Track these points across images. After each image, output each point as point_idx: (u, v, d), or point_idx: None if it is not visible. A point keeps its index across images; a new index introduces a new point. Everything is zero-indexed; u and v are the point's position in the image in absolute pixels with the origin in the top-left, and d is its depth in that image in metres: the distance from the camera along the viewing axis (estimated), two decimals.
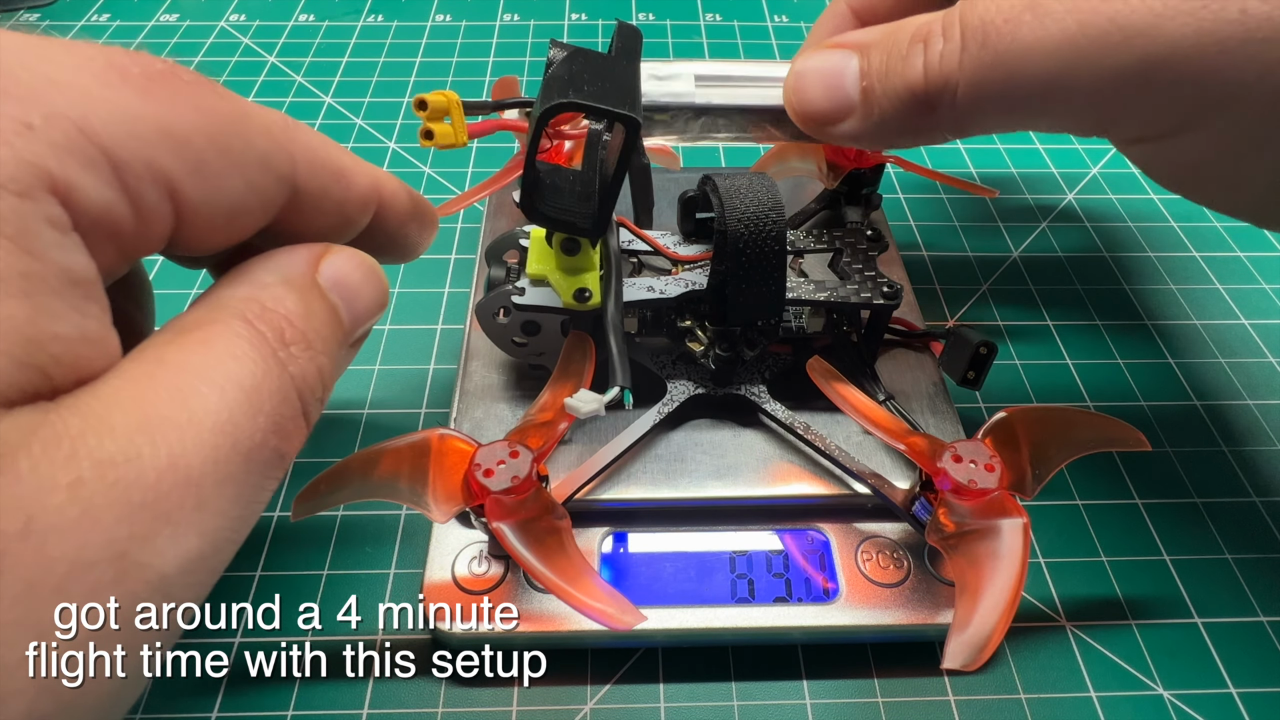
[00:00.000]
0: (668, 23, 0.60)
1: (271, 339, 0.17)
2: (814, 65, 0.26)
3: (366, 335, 0.21)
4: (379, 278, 0.21)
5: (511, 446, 0.25)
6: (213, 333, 0.17)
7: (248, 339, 0.17)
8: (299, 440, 0.18)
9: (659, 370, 0.31)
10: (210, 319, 0.17)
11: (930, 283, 0.41)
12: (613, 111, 0.23)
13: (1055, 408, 0.28)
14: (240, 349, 0.17)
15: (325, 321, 0.19)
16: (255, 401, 0.16)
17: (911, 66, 0.24)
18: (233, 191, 0.18)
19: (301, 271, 0.19)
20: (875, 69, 0.25)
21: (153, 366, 0.16)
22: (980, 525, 0.25)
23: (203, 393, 0.16)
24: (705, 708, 0.27)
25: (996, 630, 0.23)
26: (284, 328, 0.18)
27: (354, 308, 0.20)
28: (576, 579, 0.24)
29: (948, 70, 0.23)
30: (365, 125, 0.49)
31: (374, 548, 0.30)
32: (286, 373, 0.17)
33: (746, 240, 0.27)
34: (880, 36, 0.25)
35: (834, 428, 0.30)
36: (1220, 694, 0.28)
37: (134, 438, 0.14)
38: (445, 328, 0.38)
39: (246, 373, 0.16)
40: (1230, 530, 0.32)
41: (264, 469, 0.17)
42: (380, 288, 0.21)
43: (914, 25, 0.24)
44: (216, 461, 0.15)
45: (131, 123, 0.16)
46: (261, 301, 0.18)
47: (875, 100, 0.25)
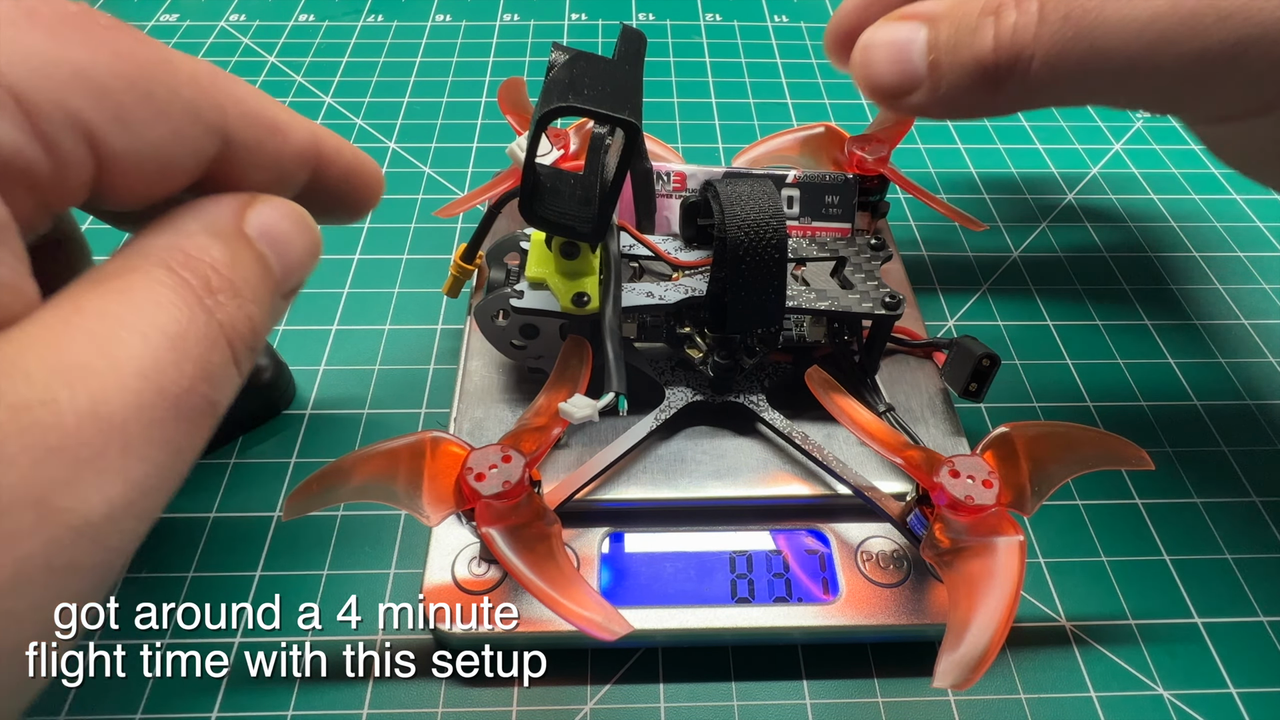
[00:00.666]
0: (668, 23, 0.60)
1: (197, 286, 0.17)
2: (882, 37, 0.26)
3: (300, 287, 0.21)
4: (309, 228, 0.20)
5: (504, 451, 0.25)
6: (134, 280, 0.16)
7: (171, 286, 0.16)
8: (231, 389, 0.17)
9: (657, 376, 0.31)
10: (131, 266, 0.17)
11: (930, 283, 0.41)
12: (612, 116, 0.23)
13: (1057, 425, 0.27)
14: (164, 295, 0.16)
15: (254, 271, 0.18)
16: (181, 348, 0.16)
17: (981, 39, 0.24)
18: (158, 141, 0.17)
19: (227, 220, 0.19)
20: (944, 41, 0.25)
21: (69, 313, 0.15)
22: (975, 542, 0.25)
23: (124, 339, 0.15)
24: (705, 708, 0.27)
25: (989, 650, 0.22)
26: (209, 275, 0.17)
27: (285, 258, 0.19)
28: (565, 586, 0.24)
29: (1021, 43, 0.23)
30: (365, 125, 0.49)
31: (374, 548, 0.30)
32: (214, 320, 0.17)
33: (746, 247, 0.27)
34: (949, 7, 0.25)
35: (833, 437, 0.30)
36: (1220, 694, 0.28)
37: (49, 383, 0.14)
38: (445, 328, 0.38)
39: (171, 319, 0.16)
40: (1230, 530, 0.32)
41: (194, 416, 0.16)
42: (311, 238, 0.20)
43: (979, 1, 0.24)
44: (141, 408, 0.15)
45: (42, 64, 0.15)
46: (185, 249, 0.17)
47: (943, 73, 0.25)
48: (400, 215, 0.44)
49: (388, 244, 0.42)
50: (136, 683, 0.27)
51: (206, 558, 0.30)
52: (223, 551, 0.30)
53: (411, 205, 0.44)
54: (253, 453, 0.33)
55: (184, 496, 0.31)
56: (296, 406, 0.35)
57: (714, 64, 0.56)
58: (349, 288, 0.40)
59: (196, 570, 0.30)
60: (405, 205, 0.44)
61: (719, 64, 0.56)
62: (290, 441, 0.34)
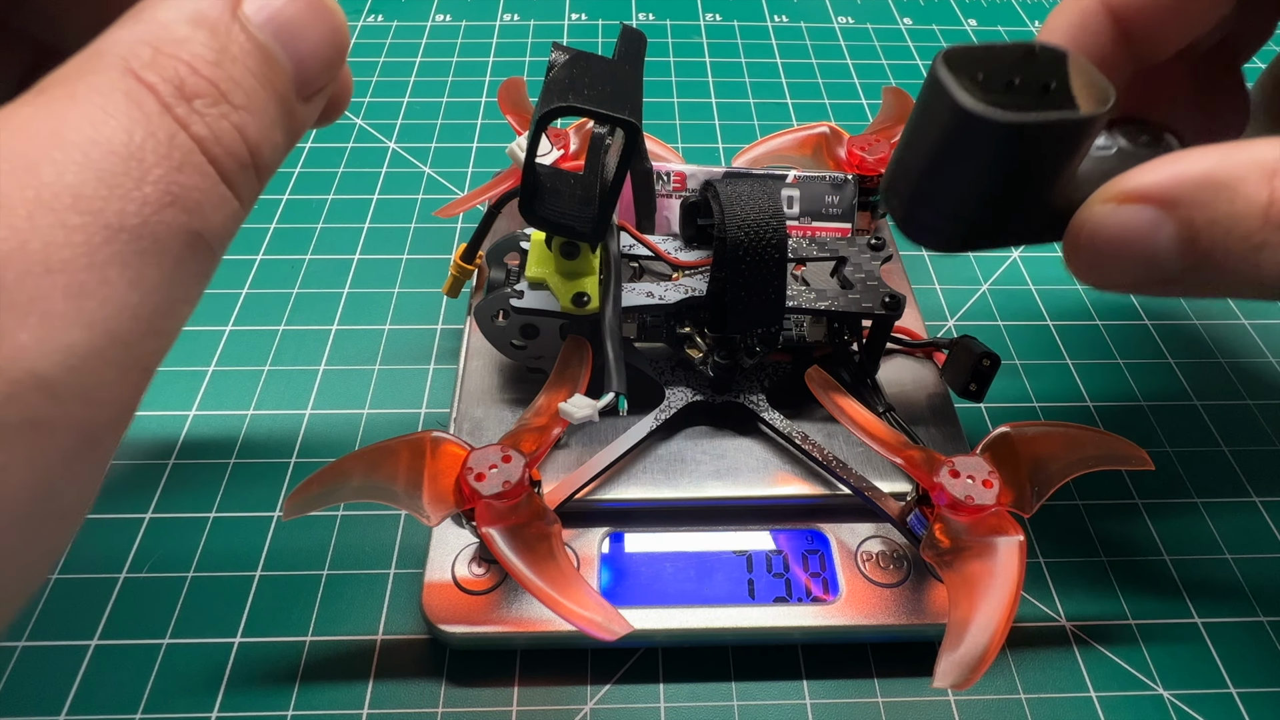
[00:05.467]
0: (668, 23, 0.60)
1: (164, 91, 0.14)
2: (1108, 232, 0.20)
3: (323, 88, 0.17)
4: (328, 7, 0.17)
5: (504, 451, 0.25)
6: (79, 87, 0.14)
7: (125, 92, 0.14)
8: (221, 215, 0.15)
9: (657, 376, 0.31)
10: (81, 70, 0.14)
11: (930, 283, 0.41)
12: (612, 116, 0.23)
13: (1057, 425, 0.27)
14: (115, 105, 0.13)
15: (250, 69, 0.15)
16: (135, 170, 0.13)
17: (1268, 262, 0.18)
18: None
19: (215, 4, 0.15)
20: (1208, 248, 0.19)
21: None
22: (975, 543, 0.25)
23: (56, 161, 0.13)
24: (705, 708, 0.27)
25: (989, 650, 0.22)
26: (184, 76, 0.14)
27: (296, 50, 0.16)
28: (564, 587, 0.24)
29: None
30: (365, 125, 0.49)
31: (374, 548, 0.30)
32: (185, 133, 0.14)
33: (746, 247, 0.27)
34: (1199, 194, 0.19)
35: (833, 437, 0.30)
36: (1220, 694, 0.28)
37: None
38: (445, 328, 0.38)
39: (120, 135, 0.13)
40: (1230, 530, 0.32)
41: (168, 248, 0.14)
42: (329, 22, 0.17)
43: (1259, 190, 0.18)
44: (88, 245, 0.13)
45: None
46: (154, 45, 0.14)
47: (1215, 285, 0.20)
48: (400, 215, 0.44)
49: (388, 244, 0.42)
50: (137, 683, 0.27)
51: (206, 558, 0.30)
52: (223, 551, 0.30)
53: (411, 205, 0.44)
54: (253, 453, 0.33)
55: (184, 496, 0.32)
56: (296, 406, 0.35)
57: (714, 64, 0.56)
58: (349, 288, 0.40)
59: (196, 570, 0.30)
60: (405, 205, 0.44)
61: (719, 64, 0.56)
62: (290, 441, 0.34)
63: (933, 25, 0.60)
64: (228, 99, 0.15)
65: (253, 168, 0.15)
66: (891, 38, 0.58)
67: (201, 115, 0.14)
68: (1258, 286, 0.19)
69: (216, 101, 0.15)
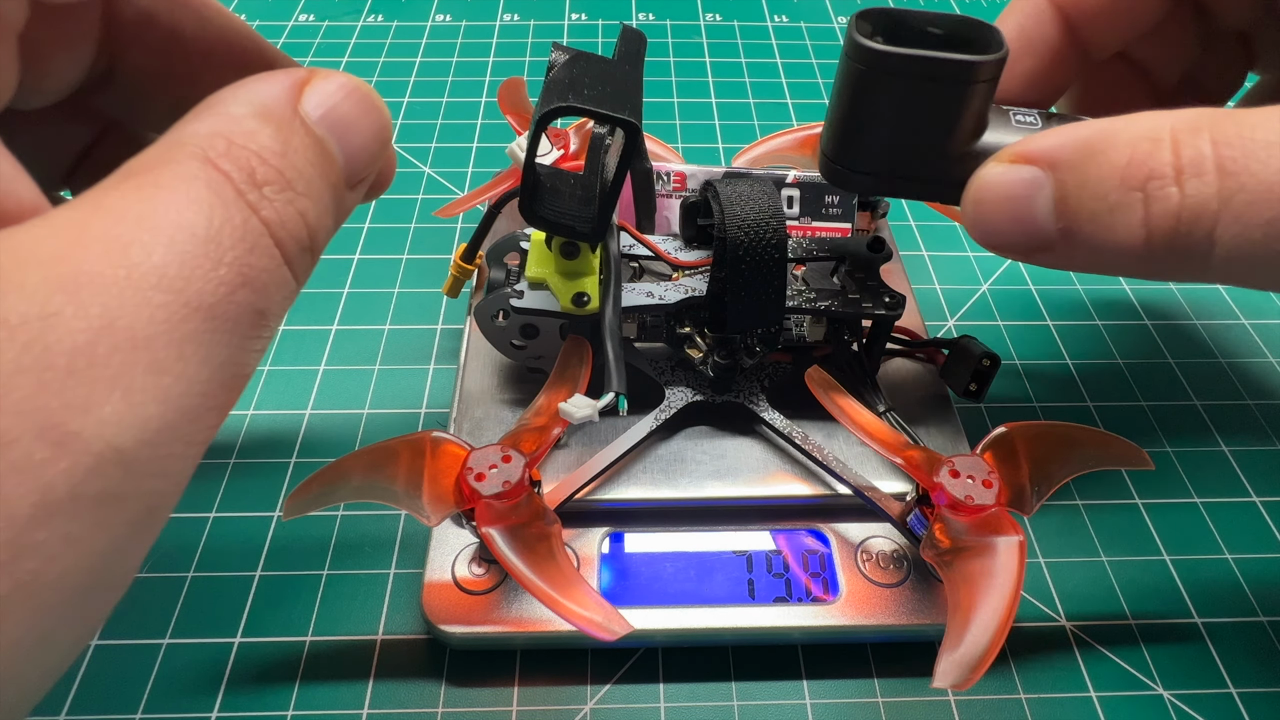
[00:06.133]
0: (668, 23, 0.60)
1: (238, 179, 0.15)
2: (996, 190, 0.21)
3: (369, 177, 0.19)
4: (377, 107, 0.18)
5: (504, 451, 0.25)
6: (164, 174, 0.15)
7: (205, 181, 0.15)
8: (282, 295, 0.16)
9: (657, 376, 0.31)
10: (164, 159, 0.15)
11: (930, 283, 0.41)
12: (612, 116, 0.23)
13: (1057, 425, 0.27)
14: (196, 192, 0.14)
15: (309, 160, 0.17)
16: (213, 252, 0.14)
17: (1125, 225, 0.19)
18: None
19: (280, 101, 0.17)
20: (1074, 208, 0.20)
21: (87, 214, 0.14)
22: (975, 542, 0.25)
23: (145, 243, 0.14)
24: (705, 708, 0.27)
25: (989, 650, 0.22)
26: (255, 166, 0.15)
27: (348, 142, 0.17)
28: (564, 587, 0.24)
29: (1192, 237, 0.18)
30: None
31: (374, 548, 0.30)
32: (256, 218, 0.15)
33: (746, 247, 0.27)
34: (1073, 156, 0.20)
35: (833, 437, 0.30)
36: (1220, 694, 0.28)
37: (52, 296, 0.13)
38: (445, 328, 0.38)
39: (201, 220, 0.14)
40: (1230, 530, 0.32)
41: (236, 326, 0.15)
42: (379, 118, 0.18)
43: (1121, 154, 0.19)
44: (169, 322, 0.13)
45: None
46: (228, 137, 0.15)
47: (1079, 248, 0.20)
48: (400, 215, 0.44)
49: (388, 244, 0.42)
50: (136, 683, 0.27)
51: (206, 558, 0.30)
52: (223, 551, 0.30)
53: (411, 205, 0.44)
54: (253, 452, 0.33)
55: (184, 496, 0.31)
56: (296, 406, 0.35)
57: (714, 64, 0.56)
58: (349, 288, 0.40)
59: (196, 570, 0.30)
60: (405, 205, 0.44)
61: (719, 64, 0.56)
62: (290, 441, 0.34)
63: None
64: (292, 187, 0.16)
65: (310, 250, 0.17)
66: None
67: (270, 201, 0.15)
68: (1114, 251, 0.19)
69: (283, 189, 0.16)
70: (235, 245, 0.15)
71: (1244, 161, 0.17)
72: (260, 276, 0.15)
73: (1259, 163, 0.17)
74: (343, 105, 0.17)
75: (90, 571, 0.13)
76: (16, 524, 0.12)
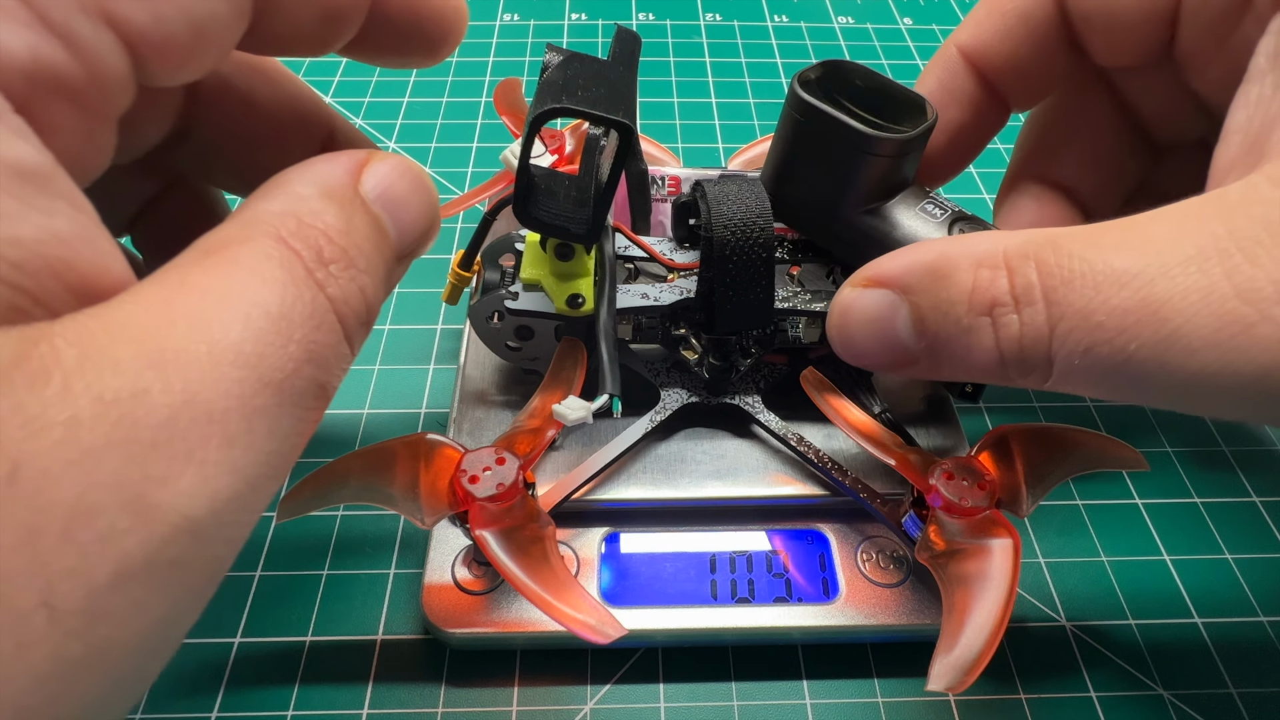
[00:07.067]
0: (668, 23, 0.60)
1: (308, 257, 0.16)
2: (857, 312, 0.22)
3: (417, 252, 0.20)
4: (427, 187, 0.19)
5: (498, 453, 0.25)
6: (241, 252, 0.15)
7: (278, 260, 0.15)
8: (340, 368, 0.16)
9: (652, 378, 0.31)
10: (240, 236, 0.16)
11: None
12: (606, 118, 0.23)
13: (1052, 427, 0.27)
14: (270, 271, 0.15)
15: (368, 237, 0.17)
16: (285, 329, 0.15)
17: (980, 345, 0.20)
18: (180, 2, 0.15)
19: (342, 182, 0.17)
20: (933, 329, 0.21)
21: (173, 291, 0.14)
22: (970, 544, 0.25)
23: (225, 321, 0.14)
24: (705, 708, 0.27)
25: (983, 653, 0.22)
26: (322, 245, 0.16)
27: (401, 221, 0.18)
28: (558, 590, 0.23)
29: (1032, 358, 0.19)
30: (365, 125, 0.49)
31: (374, 548, 0.31)
32: (323, 295, 0.16)
33: (733, 247, 0.27)
34: (923, 281, 0.21)
35: (830, 439, 0.30)
36: (1220, 694, 0.28)
37: (143, 373, 0.13)
38: (445, 328, 0.38)
39: (275, 297, 0.15)
40: (1230, 530, 0.32)
41: (300, 400, 0.15)
42: (429, 199, 0.19)
43: (965, 279, 0.20)
44: (243, 396, 0.14)
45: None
46: (298, 216, 0.16)
47: (944, 364, 0.21)
48: None
49: None
50: None
51: None
52: None
53: None
54: None
55: None
56: None
57: (714, 64, 0.56)
58: None
59: None
60: None
61: (719, 64, 0.56)
62: None
63: (933, 25, 0.60)
64: (355, 264, 0.17)
65: (366, 324, 0.17)
66: (891, 38, 0.58)
67: (336, 279, 0.16)
68: (975, 368, 0.20)
69: (347, 266, 0.16)
70: (304, 323, 0.15)
71: (1062, 291, 0.18)
72: (324, 352, 0.16)
73: (1075, 292, 0.18)
74: (398, 185, 0.18)
75: (154, 636, 0.14)
76: (95, 591, 0.12)
